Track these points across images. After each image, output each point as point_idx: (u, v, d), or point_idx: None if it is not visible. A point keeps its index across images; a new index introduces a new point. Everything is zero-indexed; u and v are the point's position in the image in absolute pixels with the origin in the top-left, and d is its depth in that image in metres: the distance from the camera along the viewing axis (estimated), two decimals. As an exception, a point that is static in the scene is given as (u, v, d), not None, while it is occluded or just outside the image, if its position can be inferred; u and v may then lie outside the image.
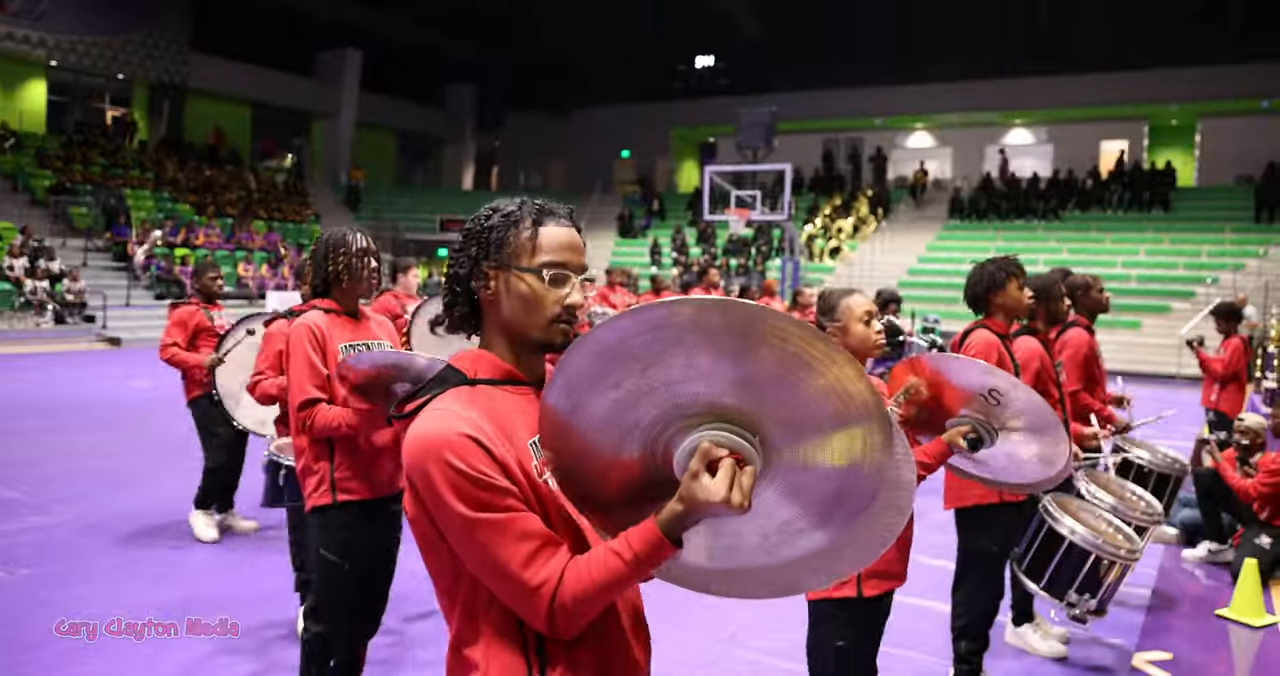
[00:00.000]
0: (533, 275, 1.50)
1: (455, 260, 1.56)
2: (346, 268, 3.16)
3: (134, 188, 23.88)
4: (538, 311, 1.51)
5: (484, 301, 1.55)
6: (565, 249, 1.53)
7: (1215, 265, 21.25)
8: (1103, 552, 3.59)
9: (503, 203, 1.57)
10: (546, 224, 1.54)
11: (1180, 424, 10.51)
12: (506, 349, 1.55)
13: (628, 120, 33.21)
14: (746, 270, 25.00)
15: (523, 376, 1.55)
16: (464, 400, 1.45)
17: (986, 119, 29.62)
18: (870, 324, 2.79)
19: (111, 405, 10.83)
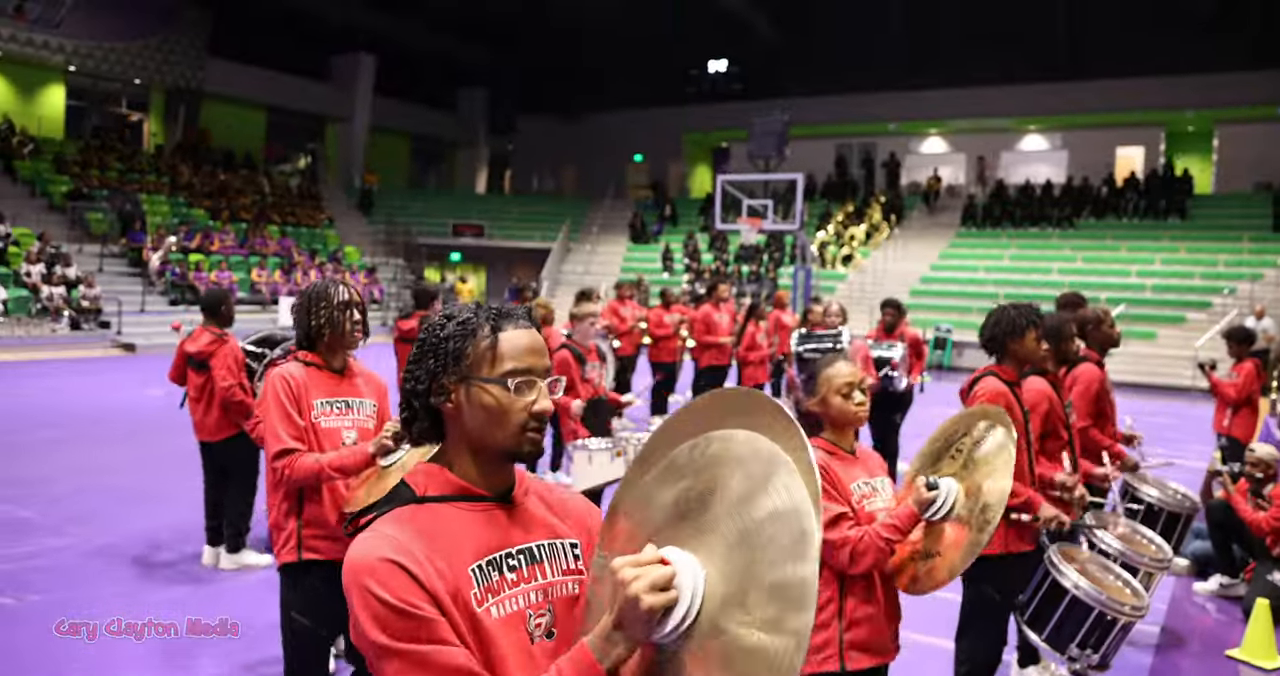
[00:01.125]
0: (496, 385, 1.45)
1: (412, 375, 1.50)
2: (329, 322, 3.08)
3: (150, 193, 24.03)
4: (504, 422, 1.45)
5: (446, 415, 1.49)
6: (527, 353, 1.48)
7: (1232, 275, 21.09)
8: (1106, 609, 3.56)
9: (457, 310, 1.52)
10: (505, 328, 1.48)
11: (1192, 444, 10.47)
12: (470, 462, 1.49)
13: (640, 124, 33.20)
14: (759, 277, 24.96)
15: (478, 491, 1.48)
16: (402, 521, 1.40)
17: (1000, 125, 29.49)
18: (850, 396, 2.75)
19: (126, 415, 10.88)
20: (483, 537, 1.44)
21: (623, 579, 1.24)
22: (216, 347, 5.47)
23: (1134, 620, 3.63)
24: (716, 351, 10.39)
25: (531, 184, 36.38)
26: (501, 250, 30.92)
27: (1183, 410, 14.23)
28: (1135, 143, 28.61)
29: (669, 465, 1.44)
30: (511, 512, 1.50)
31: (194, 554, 5.88)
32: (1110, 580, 3.80)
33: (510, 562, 1.45)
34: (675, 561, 1.28)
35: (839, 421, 2.79)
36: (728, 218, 20.90)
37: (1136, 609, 3.59)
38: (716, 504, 1.34)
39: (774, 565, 1.24)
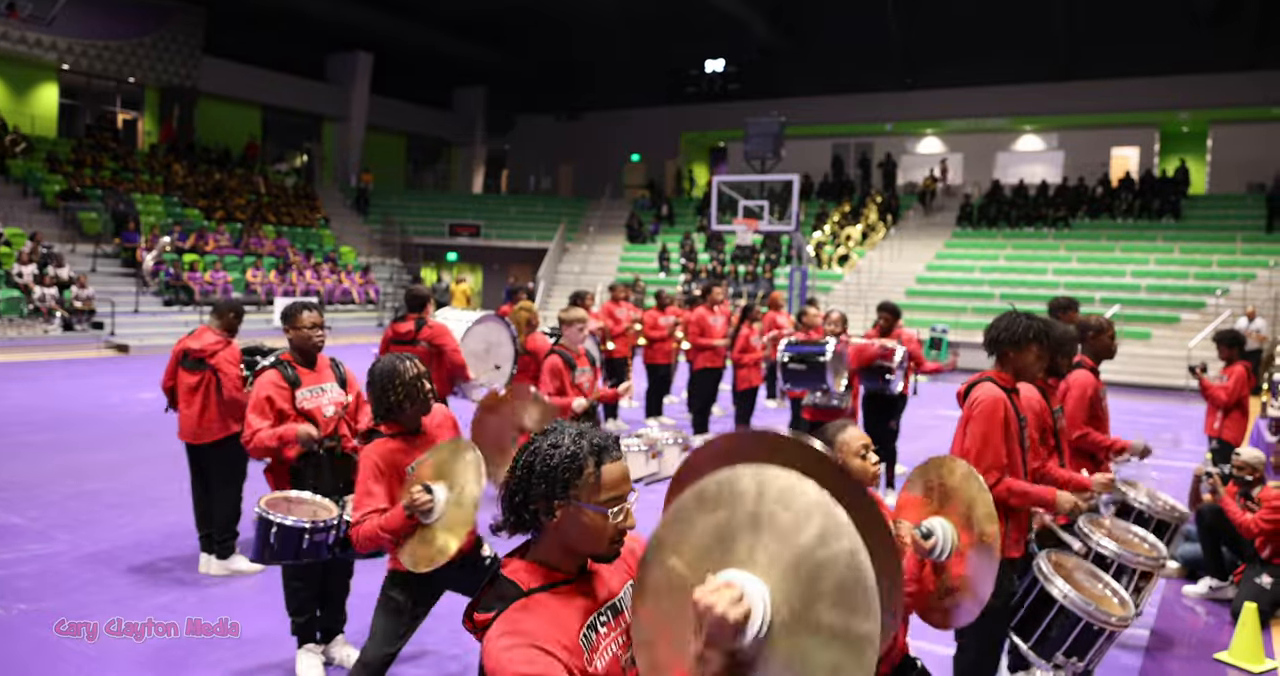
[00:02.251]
0: (597, 511, 1.75)
1: (521, 492, 1.77)
2: (408, 396, 3.46)
3: (143, 192, 23.98)
4: (600, 538, 1.77)
5: (546, 525, 1.78)
6: (621, 483, 1.79)
7: (1225, 275, 21.11)
8: (1094, 619, 3.57)
9: (561, 438, 1.77)
10: (605, 462, 1.77)
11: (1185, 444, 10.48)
12: (560, 558, 1.80)
13: (637, 124, 33.20)
14: (755, 277, 24.97)
15: (567, 576, 1.81)
16: (524, 613, 1.71)
17: (996, 125, 29.52)
18: (866, 457, 2.97)
19: (118, 418, 10.87)
20: (579, 609, 1.78)
21: (704, 604, 1.43)
22: (221, 347, 5.50)
23: (1120, 629, 3.64)
24: (711, 354, 10.39)
25: (528, 183, 36.38)
26: (498, 250, 30.91)
27: (1176, 410, 14.25)
28: (1130, 143, 28.66)
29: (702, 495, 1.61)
30: (589, 580, 1.84)
31: (185, 559, 5.88)
32: (1099, 588, 3.81)
33: (601, 619, 1.81)
34: (738, 581, 1.48)
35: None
36: (724, 218, 20.90)
37: (1123, 619, 3.60)
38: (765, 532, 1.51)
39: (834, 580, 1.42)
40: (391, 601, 3.52)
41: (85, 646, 4.59)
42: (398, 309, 25.11)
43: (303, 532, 3.93)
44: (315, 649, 4.39)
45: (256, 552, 4.00)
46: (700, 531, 1.58)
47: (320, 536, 3.98)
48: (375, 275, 26.47)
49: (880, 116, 29.75)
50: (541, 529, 1.79)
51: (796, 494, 1.50)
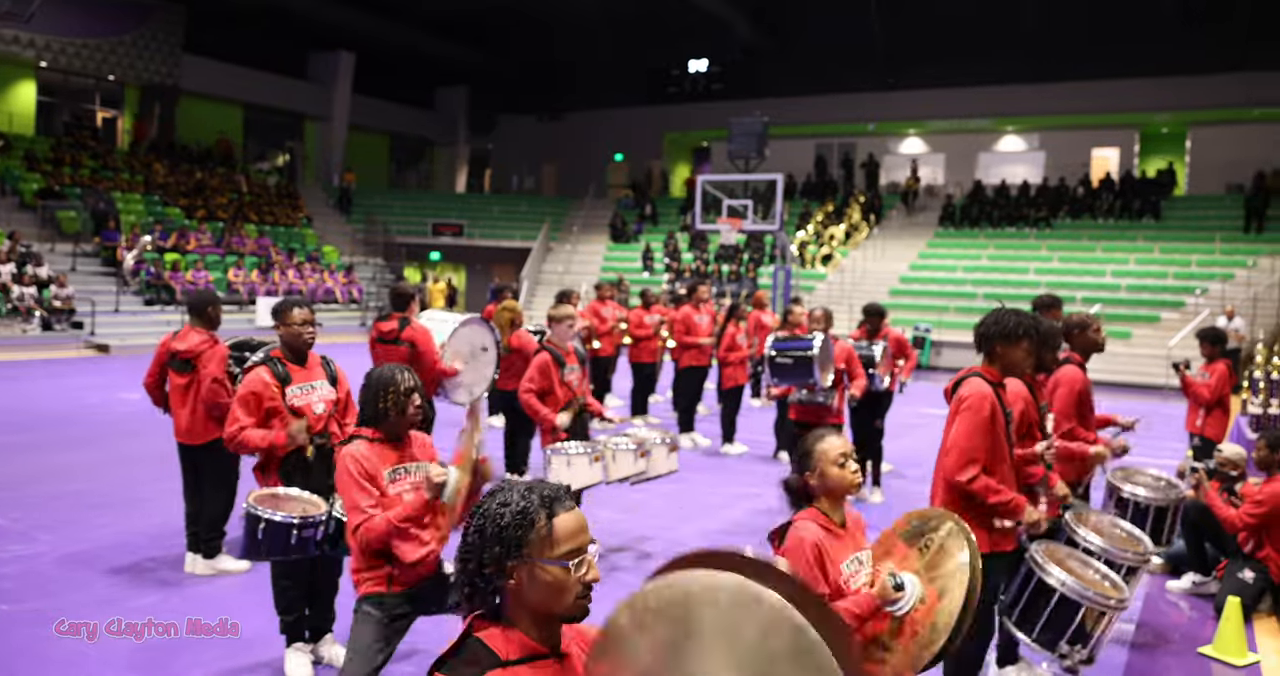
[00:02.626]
0: (557, 566, 1.68)
1: (472, 557, 1.70)
2: (395, 405, 3.44)
3: (124, 191, 23.80)
4: (563, 595, 1.69)
5: (506, 589, 1.70)
6: (579, 533, 1.72)
7: (1204, 275, 21.32)
8: (1093, 603, 3.60)
9: (509, 496, 1.71)
10: (558, 514, 1.70)
11: (1167, 440, 10.56)
12: (530, 624, 1.71)
13: (621, 124, 33.20)
14: (739, 277, 25.02)
15: (545, 650, 1.72)
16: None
17: (978, 126, 29.69)
18: (845, 465, 2.93)
19: (99, 418, 10.78)
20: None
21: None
22: (207, 348, 5.44)
23: (1119, 612, 3.68)
24: (696, 352, 10.41)
25: (511, 183, 36.30)
26: (481, 249, 30.84)
27: (1156, 409, 14.34)
28: (1110, 144, 28.88)
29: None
30: (564, 663, 1.74)
31: (169, 559, 5.83)
32: (1091, 574, 3.85)
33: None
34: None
35: (836, 491, 2.96)
36: (708, 217, 20.93)
37: (1121, 601, 3.65)
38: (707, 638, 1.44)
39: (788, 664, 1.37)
40: (369, 626, 3.40)
41: (70, 646, 4.55)
42: (381, 308, 25.01)
43: (291, 528, 3.93)
44: (304, 647, 4.36)
45: (245, 548, 3.98)
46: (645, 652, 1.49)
47: (309, 532, 3.97)
48: (358, 275, 26.36)
49: (863, 116, 29.87)
50: (503, 595, 1.72)
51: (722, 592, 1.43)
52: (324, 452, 4.27)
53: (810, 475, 2.95)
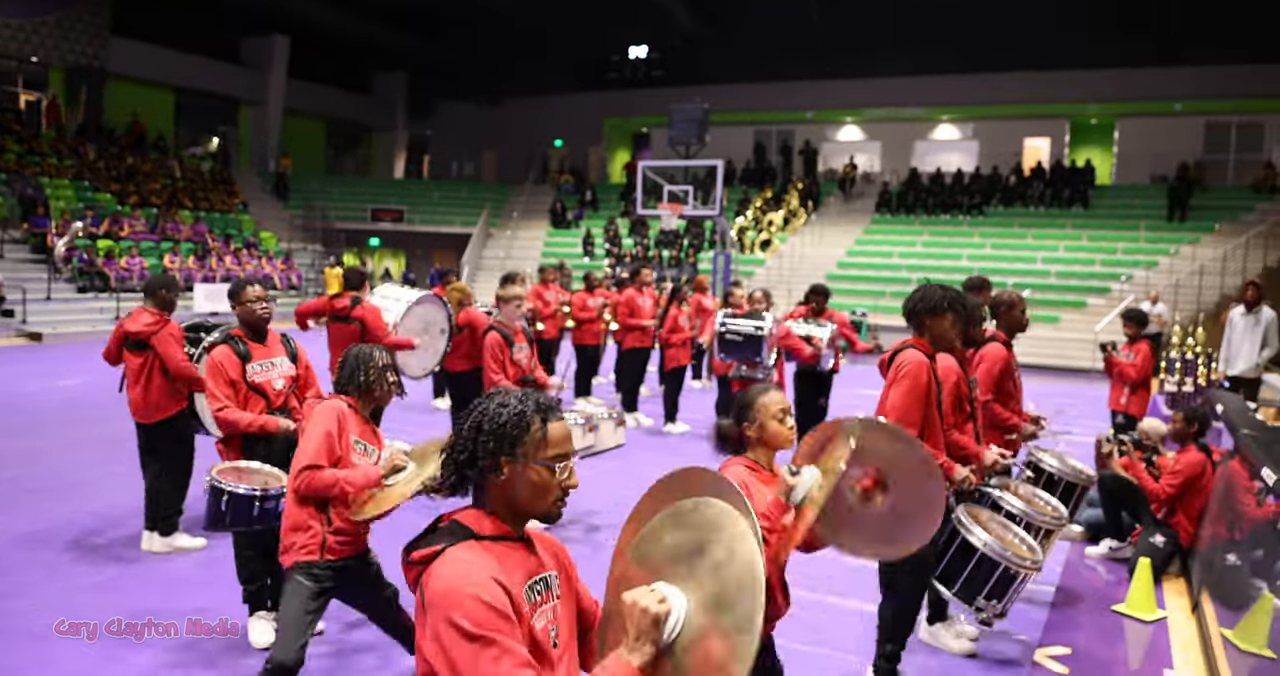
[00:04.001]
0: (544, 467, 1.83)
1: (467, 451, 1.84)
2: (376, 381, 3.66)
3: (51, 176, 23.22)
4: (546, 495, 1.85)
5: (491, 483, 1.85)
6: (566, 441, 1.88)
7: (1130, 262, 22.06)
8: (1010, 563, 3.88)
9: (508, 399, 1.87)
10: (551, 421, 1.86)
11: (1090, 420, 11.04)
12: (507, 517, 1.87)
13: (560, 110, 33.18)
14: (679, 262, 25.27)
15: (514, 534, 1.87)
16: (475, 551, 1.78)
17: (914, 115, 30.28)
18: (784, 421, 3.07)
19: (37, 405, 10.62)
20: (523, 567, 1.85)
21: (633, 601, 1.70)
22: (159, 328, 5.47)
23: (1033, 573, 3.96)
24: (640, 334, 10.60)
25: (450, 169, 36.09)
26: (421, 235, 30.67)
27: (1082, 390, 14.91)
28: (1042, 134, 29.66)
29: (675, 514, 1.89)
30: (530, 548, 1.90)
31: (121, 539, 5.88)
32: (1010, 537, 4.12)
33: (538, 587, 1.87)
34: (665, 591, 1.75)
35: (772, 443, 3.08)
36: (649, 203, 21.11)
37: (1035, 563, 3.93)
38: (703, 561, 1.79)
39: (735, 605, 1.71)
40: (300, 594, 3.49)
41: (33, 619, 4.61)
42: (320, 294, 24.78)
43: (253, 500, 4.05)
44: (267, 615, 4.48)
45: (209, 520, 4.09)
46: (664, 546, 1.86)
47: (270, 504, 4.09)
48: (297, 261, 26.06)
49: (801, 104, 30.28)
50: (485, 489, 1.85)
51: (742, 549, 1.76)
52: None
53: (749, 426, 3.07)
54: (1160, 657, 4.81)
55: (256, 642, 4.39)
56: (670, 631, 1.73)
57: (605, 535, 6.36)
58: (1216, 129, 27.44)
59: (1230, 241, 21.36)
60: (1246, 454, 5.09)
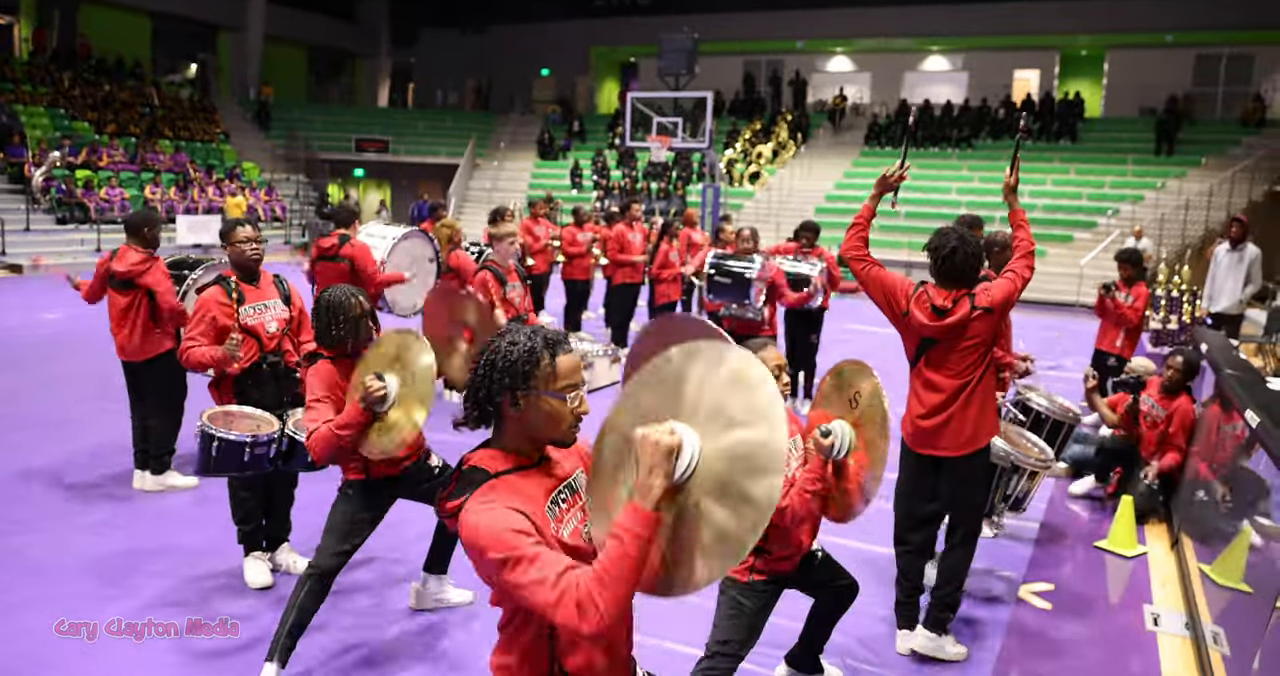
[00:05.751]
0: (556, 398, 1.93)
1: (485, 387, 1.94)
2: (350, 332, 3.67)
3: (25, 104, 22.71)
4: (560, 423, 1.96)
5: (510, 416, 1.96)
6: (575, 372, 1.99)
7: (1117, 196, 22.02)
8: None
9: (517, 337, 1.96)
10: (559, 354, 1.96)
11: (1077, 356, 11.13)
12: (525, 445, 1.99)
13: (547, 38, 32.52)
14: (667, 194, 25.09)
15: (529, 461, 1.99)
16: (495, 491, 1.89)
17: (904, 45, 29.82)
18: (779, 377, 3.16)
19: (20, 339, 10.57)
20: (543, 488, 1.97)
21: (644, 434, 1.76)
22: (148, 266, 5.42)
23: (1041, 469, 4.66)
24: (630, 270, 10.56)
25: (435, 98, 35.46)
26: (406, 166, 30.28)
27: (1065, 324, 15.00)
28: (1031, 66, 29.28)
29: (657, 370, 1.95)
30: (547, 465, 2.03)
31: (114, 476, 5.90)
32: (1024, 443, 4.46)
33: (561, 497, 2.00)
34: (674, 425, 1.80)
35: None
36: (637, 135, 20.86)
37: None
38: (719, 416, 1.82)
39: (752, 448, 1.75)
40: (347, 506, 3.68)
41: (34, 557, 4.65)
42: (304, 226, 24.56)
43: (244, 446, 4.05)
44: (262, 556, 4.53)
45: (199, 466, 4.10)
46: (650, 399, 1.92)
47: (261, 450, 4.10)
48: (280, 192, 25.74)
49: (791, 34, 29.78)
50: (503, 420, 1.97)
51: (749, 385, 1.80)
52: (277, 370, 4.38)
53: None
54: (1140, 592, 4.94)
55: (252, 582, 4.44)
56: (685, 467, 1.77)
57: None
58: (1206, 61, 27.14)
59: (1216, 175, 21.31)
60: (1229, 395, 5.15)
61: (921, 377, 3.98)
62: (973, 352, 3.90)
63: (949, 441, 3.93)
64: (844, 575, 3.50)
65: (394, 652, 3.93)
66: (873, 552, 5.02)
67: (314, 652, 3.85)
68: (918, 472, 4.05)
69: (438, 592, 4.27)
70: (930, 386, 3.93)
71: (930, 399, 3.92)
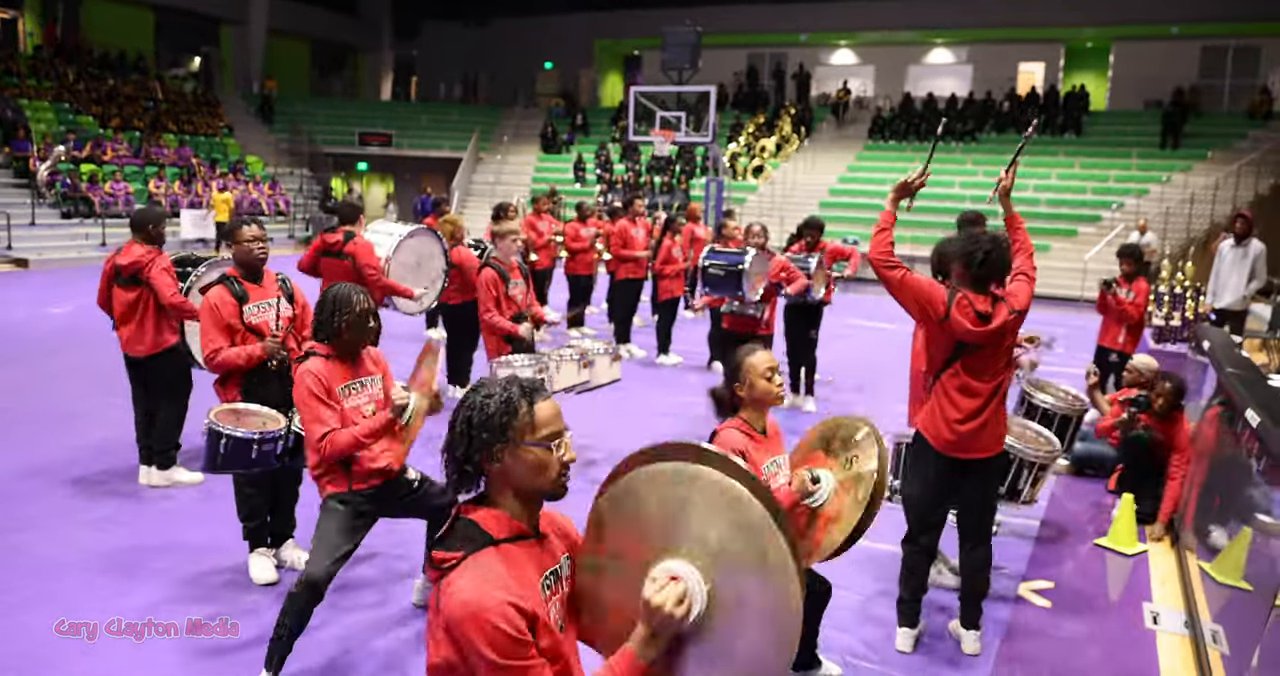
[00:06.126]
0: (539, 447, 1.86)
1: (463, 445, 1.86)
2: (352, 327, 3.63)
3: (30, 98, 22.74)
4: (546, 474, 1.88)
5: (493, 472, 1.88)
6: (556, 419, 1.90)
7: (1121, 190, 21.97)
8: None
9: (492, 389, 1.89)
10: (537, 402, 1.88)
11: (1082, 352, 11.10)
12: (515, 503, 1.90)
13: (550, 31, 32.50)
14: (671, 188, 25.08)
15: (528, 531, 1.91)
16: (492, 561, 1.81)
17: (908, 38, 29.76)
18: (771, 379, 3.27)
19: (27, 334, 10.60)
20: (537, 567, 1.89)
21: (654, 604, 1.74)
22: (151, 259, 5.45)
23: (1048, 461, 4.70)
24: (633, 265, 10.59)
25: (439, 91, 35.45)
26: (410, 160, 30.28)
27: (1068, 320, 14.98)
28: (1036, 58, 29.22)
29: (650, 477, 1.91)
30: (543, 543, 1.95)
31: (120, 472, 5.93)
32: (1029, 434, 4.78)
33: (548, 582, 1.91)
34: (680, 573, 1.78)
35: (762, 401, 3.30)
36: (641, 129, 20.84)
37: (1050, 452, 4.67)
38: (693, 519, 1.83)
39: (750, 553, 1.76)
40: (331, 519, 3.62)
41: (42, 554, 4.69)
42: (308, 220, 24.59)
43: (251, 443, 4.08)
44: (267, 552, 4.57)
45: (207, 463, 4.13)
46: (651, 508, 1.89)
47: (268, 446, 4.13)
48: (284, 186, 25.77)
49: (795, 27, 29.72)
50: (489, 478, 1.89)
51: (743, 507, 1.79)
52: (282, 368, 4.40)
53: (740, 386, 3.30)
54: (1140, 590, 4.95)
55: (257, 579, 4.47)
56: (693, 620, 1.78)
57: (600, 470, 6.44)
58: (1213, 53, 27.08)
59: (1222, 169, 21.25)
60: (1230, 393, 5.15)
61: (956, 381, 3.94)
62: (1006, 354, 4.00)
63: (985, 443, 3.98)
64: (819, 580, 3.57)
65: (398, 648, 3.96)
66: (873, 550, 5.03)
67: (318, 648, 3.88)
68: (946, 477, 4.03)
69: None
70: (967, 391, 3.92)
71: (968, 404, 3.92)
